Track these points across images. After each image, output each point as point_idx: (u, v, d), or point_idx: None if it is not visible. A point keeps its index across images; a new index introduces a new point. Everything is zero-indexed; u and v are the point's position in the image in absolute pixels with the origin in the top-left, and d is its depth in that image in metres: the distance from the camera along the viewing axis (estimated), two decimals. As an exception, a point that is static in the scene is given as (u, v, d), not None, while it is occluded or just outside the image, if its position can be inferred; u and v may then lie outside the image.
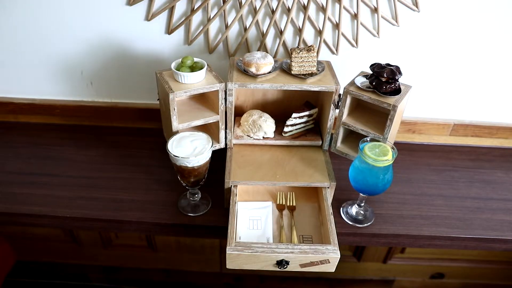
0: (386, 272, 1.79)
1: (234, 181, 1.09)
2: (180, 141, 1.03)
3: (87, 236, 1.67)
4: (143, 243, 1.68)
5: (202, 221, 1.11)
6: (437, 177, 1.29)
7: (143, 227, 1.12)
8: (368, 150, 1.00)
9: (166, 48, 1.27)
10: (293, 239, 1.04)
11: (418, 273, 1.78)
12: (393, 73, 1.04)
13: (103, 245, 1.71)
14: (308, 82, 1.10)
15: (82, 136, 1.38)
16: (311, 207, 1.14)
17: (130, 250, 1.71)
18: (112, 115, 1.42)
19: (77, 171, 1.24)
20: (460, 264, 1.72)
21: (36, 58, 1.31)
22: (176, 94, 1.04)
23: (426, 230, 1.12)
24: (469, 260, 1.70)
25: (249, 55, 1.12)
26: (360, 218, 1.14)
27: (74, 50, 1.29)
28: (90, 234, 1.66)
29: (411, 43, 1.24)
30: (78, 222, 1.12)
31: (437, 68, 1.29)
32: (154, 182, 1.21)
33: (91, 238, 1.68)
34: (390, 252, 1.68)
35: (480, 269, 1.74)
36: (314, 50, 1.09)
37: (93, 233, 1.66)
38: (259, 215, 1.10)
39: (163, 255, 1.73)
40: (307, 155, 1.19)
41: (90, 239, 1.69)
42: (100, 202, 1.14)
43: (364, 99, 1.07)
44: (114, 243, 1.70)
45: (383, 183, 1.02)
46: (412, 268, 1.75)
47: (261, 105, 1.28)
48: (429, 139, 1.43)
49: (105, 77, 1.36)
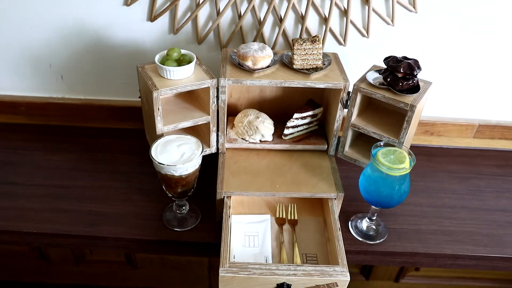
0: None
1: (227, 192, 1.08)
2: (166, 146, 1.02)
3: (57, 251, 1.66)
4: (121, 259, 1.67)
5: (191, 237, 1.10)
6: (459, 186, 1.29)
7: (122, 244, 1.11)
8: (381, 157, 0.99)
9: (148, 38, 1.26)
10: (295, 258, 1.03)
11: (435, 294, 1.77)
12: (411, 68, 1.03)
13: (75, 261, 1.70)
14: (313, 78, 1.09)
15: (51, 138, 1.37)
16: (315, 221, 1.13)
17: (106, 266, 1.70)
18: (86, 114, 1.41)
19: (45, 179, 1.23)
20: (484, 284, 1.71)
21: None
22: (160, 92, 1.03)
23: (448, 248, 1.11)
24: (495, 280, 1.70)
25: (244, 46, 1.10)
26: (372, 234, 1.13)
27: (41, 39, 1.28)
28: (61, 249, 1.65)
29: (430, 32, 1.24)
30: (46, 238, 1.11)
31: (460, 60, 1.29)
32: (134, 192, 1.20)
33: (61, 253, 1.67)
34: (403, 270, 1.68)
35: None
36: (319, 41, 1.08)
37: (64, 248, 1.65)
38: (256, 231, 1.09)
39: (144, 272, 1.72)
40: (311, 161, 1.18)
41: (60, 254, 1.68)
42: (72, 215, 1.13)
43: (377, 97, 1.06)
44: (88, 259, 1.69)
45: (399, 194, 1.01)
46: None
47: (258, 104, 1.27)
48: (450, 142, 1.43)
49: (77, 71, 1.34)
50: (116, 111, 1.39)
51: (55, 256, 1.68)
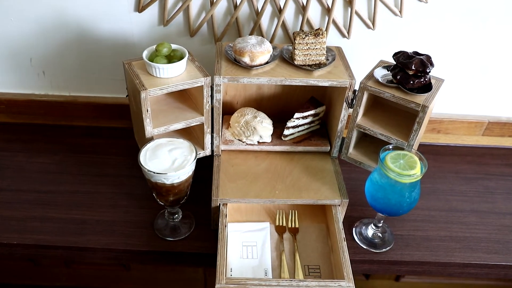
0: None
1: (223, 199, 1.02)
2: (156, 151, 0.95)
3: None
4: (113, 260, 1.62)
5: (184, 247, 1.05)
6: (467, 187, 1.25)
7: (111, 255, 1.08)
8: (390, 162, 0.93)
9: (136, 30, 1.22)
10: (297, 271, 0.98)
11: (437, 293, 1.74)
12: (423, 64, 0.95)
13: (65, 263, 1.65)
14: (316, 75, 1.02)
15: (34, 138, 1.32)
16: (318, 229, 1.09)
17: (97, 268, 1.65)
18: (71, 112, 1.37)
19: (27, 184, 1.18)
20: (487, 282, 1.69)
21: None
22: (149, 92, 0.96)
23: (458, 256, 1.08)
24: (498, 278, 1.66)
25: (241, 40, 1.03)
26: (377, 242, 1.08)
27: (20, 31, 1.23)
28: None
29: (440, 24, 1.20)
30: (29, 249, 1.08)
31: (470, 55, 1.26)
32: (124, 197, 1.15)
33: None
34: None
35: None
36: (323, 34, 1.00)
37: None
38: (255, 240, 1.05)
39: (137, 274, 1.68)
40: (313, 164, 1.13)
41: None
42: (57, 224, 1.08)
43: (386, 97, 0.99)
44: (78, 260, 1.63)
45: (408, 202, 0.96)
46: (429, 287, 1.72)
47: (256, 102, 1.22)
48: (458, 140, 1.40)
49: (61, 65, 1.30)
50: (103, 108, 1.35)
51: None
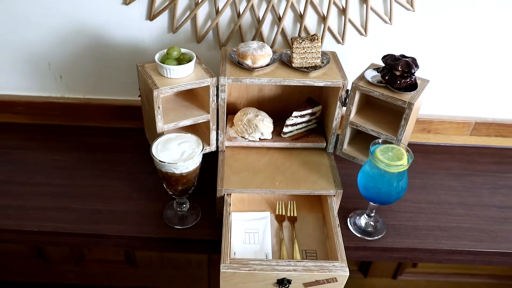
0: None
1: (227, 189, 1.10)
2: (166, 144, 1.04)
3: (56, 250, 1.67)
4: (121, 258, 1.68)
5: (191, 235, 1.12)
6: (456, 182, 1.31)
7: (124, 242, 1.13)
8: (380, 154, 1.01)
9: (147, 37, 1.28)
10: (295, 254, 1.05)
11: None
12: (409, 66, 1.05)
13: (75, 261, 1.71)
14: (312, 76, 1.11)
15: (51, 138, 1.38)
16: (315, 218, 1.15)
17: (105, 266, 1.71)
18: (86, 113, 1.42)
19: (45, 178, 1.24)
20: (482, 280, 1.73)
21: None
22: (161, 90, 1.05)
23: (445, 244, 1.14)
24: (492, 276, 1.72)
25: (244, 45, 1.12)
26: (370, 230, 1.15)
27: (40, 38, 1.29)
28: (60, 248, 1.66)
29: (428, 31, 1.26)
30: (49, 237, 1.13)
31: (457, 58, 1.31)
32: (135, 190, 1.22)
33: (61, 253, 1.68)
34: (401, 266, 1.70)
35: (505, 286, 1.76)
36: (318, 39, 1.10)
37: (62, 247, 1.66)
38: (256, 228, 1.12)
39: (144, 271, 1.73)
40: (310, 159, 1.21)
41: (59, 254, 1.68)
42: (74, 214, 1.15)
43: (375, 95, 1.08)
44: (87, 258, 1.70)
45: (397, 191, 1.03)
46: (426, 285, 1.76)
47: (257, 102, 1.29)
48: (447, 139, 1.45)
49: (76, 70, 1.36)
50: (115, 110, 1.40)
51: (54, 255, 1.68)
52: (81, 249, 1.66)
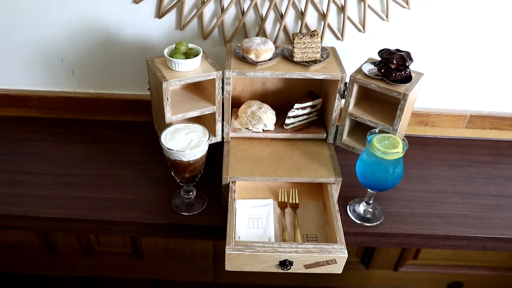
0: (398, 281, 1.84)
1: (232, 177, 1.16)
2: (174, 134, 1.10)
3: (65, 242, 1.71)
4: (128, 250, 1.73)
5: (198, 221, 1.18)
6: (452, 173, 1.37)
7: (133, 228, 1.19)
8: (376, 142, 1.07)
9: (156, 34, 1.34)
10: (297, 239, 1.11)
11: (433, 282, 1.83)
12: (403, 59, 1.11)
13: (83, 253, 1.75)
14: (312, 69, 1.17)
15: (63, 131, 1.44)
16: (316, 205, 1.21)
17: (113, 258, 1.76)
18: (96, 108, 1.48)
19: (58, 169, 1.30)
20: (480, 271, 1.77)
21: (9, 45, 1.37)
22: (169, 82, 1.11)
23: (441, 230, 1.19)
24: (490, 267, 1.76)
25: (247, 40, 1.19)
26: (369, 217, 1.21)
27: (53, 35, 1.34)
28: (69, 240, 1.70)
29: (423, 27, 1.31)
30: (62, 223, 1.18)
31: (452, 53, 1.36)
32: (144, 180, 1.28)
33: (70, 245, 1.72)
34: (402, 258, 1.74)
35: (502, 277, 1.80)
36: (318, 35, 1.17)
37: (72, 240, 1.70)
38: (260, 214, 1.17)
39: (150, 264, 1.77)
40: (311, 149, 1.27)
41: (68, 246, 1.73)
42: (85, 202, 1.21)
43: (372, 87, 1.15)
44: (96, 250, 1.74)
45: (393, 177, 1.09)
46: (427, 276, 1.81)
47: (260, 95, 1.36)
48: (444, 132, 1.50)
49: (88, 66, 1.41)
50: (125, 104, 1.46)
51: (64, 248, 1.73)
52: (89, 241, 1.71)
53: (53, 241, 1.71)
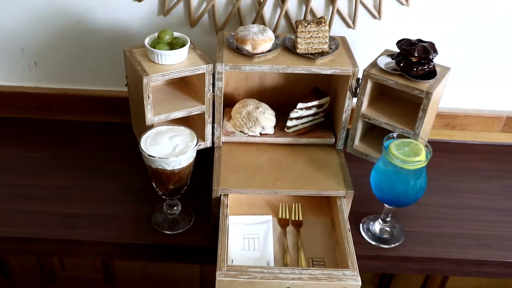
0: (421, 314, 1.86)
1: (224, 189, 1.17)
2: (156, 138, 1.11)
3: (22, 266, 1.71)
4: (99, 276, 1.72)
5: (183, 241, 1.18)
6: (486, 185, 1.38)
7: (106, 249, 1.19)
8: (395, 149, 1.08)
9: (135, 20, 1.35)
10: (300, 263, 1.11)
11: (463, 316, 1.85)
12: (426, 51, 1.13)
13: (44, 279, 1.74)
14: (318, 63, 1.18)
15: (24, 133, 1.45)
16: (323, 223, 1.22)
17: (81, 285, 1.75)
18: (63, 106, 1.49)
19: (17, 178, 1.31)
20: None
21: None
22: (151, 78, 1.12)
23: (473, 253, 1.20)
24: None
25: (243, 29, 1.20)
26: (386, 237, 1.22)
27: (12, 20, 1.36)
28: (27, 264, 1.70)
29: (451, 12, 1.33)
30: (20, 243, 1.19)
31: (484, 45, 1.38)
32: (120, 192, 1.29)
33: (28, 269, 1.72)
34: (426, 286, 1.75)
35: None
36: (325, 22, 1.18)
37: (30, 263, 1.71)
38: (257, 233, 1.18)
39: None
40: (317, 157, 1.28)
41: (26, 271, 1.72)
42: (50, 218, 1.21)
43: (389, 84, 1.16)
44: (60, 276, 1.73)
45: (414, 190, 1.11)
46: None
47: (258, 93, 1.37)
48: (475, 136, 1.52)
49: (53, 56, 1.42)
50: (98, 102, 1.47)
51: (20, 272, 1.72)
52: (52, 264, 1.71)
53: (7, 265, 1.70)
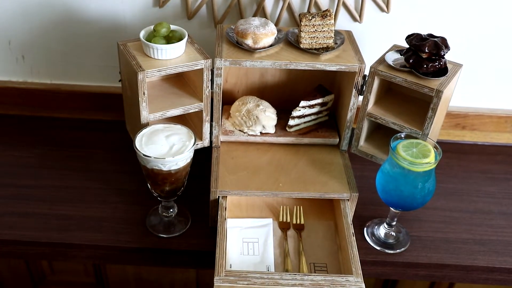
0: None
1: (222, 191, 1.17)
2: (152, 137, 1.11)
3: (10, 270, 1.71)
4: (91, 280, 1.72)
5: (179, 245, 1.19)
6: (496, 188, 1.39)
7: (98, 253, 1.20)
8: (402, 150, 1.08)
9: (129, 11, 1.35)
10: (302, 268, 1.12)
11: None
12: (437, 46, 1.13)
13: (33, 283, 1.75)
14: (323, 59, 1.18)
15: (10, 130, 1.46)
16: (325, 226, 1.23)
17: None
18: (53, 102, 1.48)
19: (3, 178, 1.32)
20: None
21: None
22: (146, 73, 1.12)
23: (482, 260, 1.21)
24: None
25: (243, 22, 1.20)
26: (391, 242, 1.23)
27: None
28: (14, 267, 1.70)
29: (464, 6, 1.33)
30: (8, 247, 1.20)
31: (498, 40, 1.38)
32: (113, 193, 1.29)
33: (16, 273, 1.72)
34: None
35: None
36: (331, 16, 1.18)
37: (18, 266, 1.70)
38: (256, 236, 1.19)
39: None
40: (320, 157, 1.29)
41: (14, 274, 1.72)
42: (39, 220, 1.22)
43: (397, 81, 1.16)
44: (49, 279, 1.73)
45: (422, 194, 1.11)
46: None
47: (258, 91, 1.37)
48: (486, 137, 1.53)
49: (42, 50, 1.42)
50: (90, 98, 1.47)
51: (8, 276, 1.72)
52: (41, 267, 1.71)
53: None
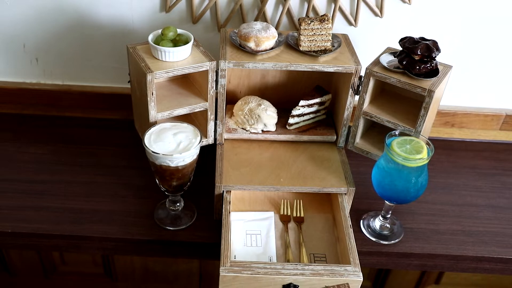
0: (416, 309, 1.87)
1: (226, 186, 1.18)
2: (160, 134, 1.12)
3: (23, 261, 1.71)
4: (99, 270, 1.73)
5: (186, 237, 1.20)
6: (483, 183, 1.39)
7: (109, 244, 1.20)
8: (396, 147, 1.09)
9: (137, 16, 1.35)
10: (302, 258, 1.13)
11: (458, 311, 1.86)
12: (429, 49, 1.14)
13: (44, 273, 1.75)
14: (321, 60, 1.19)
15: (26, 129, 1.46)
16: (324, 219, 1.24)
17: (80, 279, 1.76)
18: (65, 102, 1.49)
19: (19, 174, 1.32)
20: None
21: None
22: (155, 74, 1.13)
23: (471, 250, 1.21)
24: None
25: (246, 26, 1.21)
26: (386, 234, 1.24)
27: (14, 15, 1.35)
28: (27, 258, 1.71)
29: (452, 11, 1.33)
30: (23, 239, 1.20)
31: (485, 42, 1.38)
32: (122, 188, 1.30)
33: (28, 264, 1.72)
34: (422, 282, 1.75)
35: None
36: (328, 20, 1.19)
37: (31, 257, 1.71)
38: (259, 229, 1.20)
39: (125, 286, 1.78)
40: (318, 154, 1.29)
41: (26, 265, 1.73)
42: (52, 214, 1.22)
43: (391, 82, 1.17)
44: (60, 270, 1.74)
45: (415, 188, 1.12)
46: None
47: (260, 91, 1.38)
48: (473, 134, 1.53)
49: (55, 52, 1.42)
50: (100, 98, 1.47)
51: (21, 267, 1.73)
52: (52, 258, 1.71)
53: (8, 260, 1.70)
